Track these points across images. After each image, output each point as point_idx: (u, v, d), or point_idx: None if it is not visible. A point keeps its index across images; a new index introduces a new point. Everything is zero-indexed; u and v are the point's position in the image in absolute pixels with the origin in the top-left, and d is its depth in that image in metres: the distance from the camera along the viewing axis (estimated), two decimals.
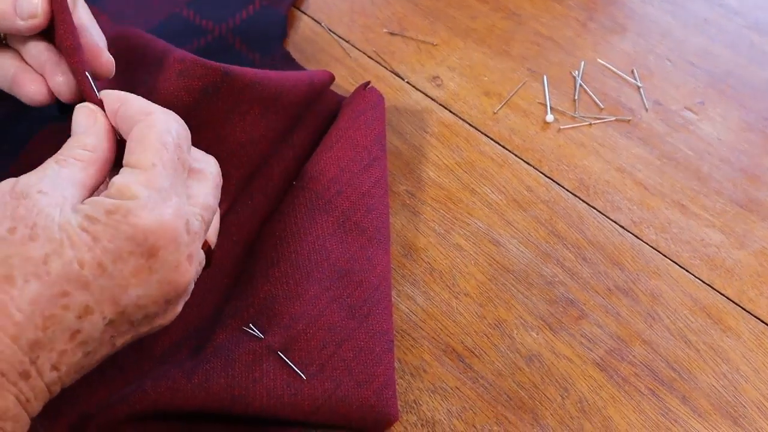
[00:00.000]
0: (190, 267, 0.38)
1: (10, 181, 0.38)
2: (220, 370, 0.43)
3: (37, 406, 0.37)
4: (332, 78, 0.58)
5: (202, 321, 0.49)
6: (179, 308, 0.40)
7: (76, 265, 0.35)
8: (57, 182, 0.38)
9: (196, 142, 0.46)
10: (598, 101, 0.63)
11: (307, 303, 0.46)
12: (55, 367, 0.36)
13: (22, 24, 0.46)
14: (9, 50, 0.49)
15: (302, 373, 0.44)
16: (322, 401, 0.43)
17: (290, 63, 0.63)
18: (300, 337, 0.45)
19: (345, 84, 0.62)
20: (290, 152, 0.55)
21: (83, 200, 0.38)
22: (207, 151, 0.46)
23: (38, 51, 0.48)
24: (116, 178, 0.38)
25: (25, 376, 0.35)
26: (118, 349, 0.39)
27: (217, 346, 0.45)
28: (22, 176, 0.38)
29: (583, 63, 0.65)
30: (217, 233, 0.44)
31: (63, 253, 0.35)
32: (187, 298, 0.41)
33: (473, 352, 0.49)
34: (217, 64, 0.51)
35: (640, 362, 0.50)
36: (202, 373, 0.43)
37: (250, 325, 0.45)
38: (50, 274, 0.35)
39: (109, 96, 0.42)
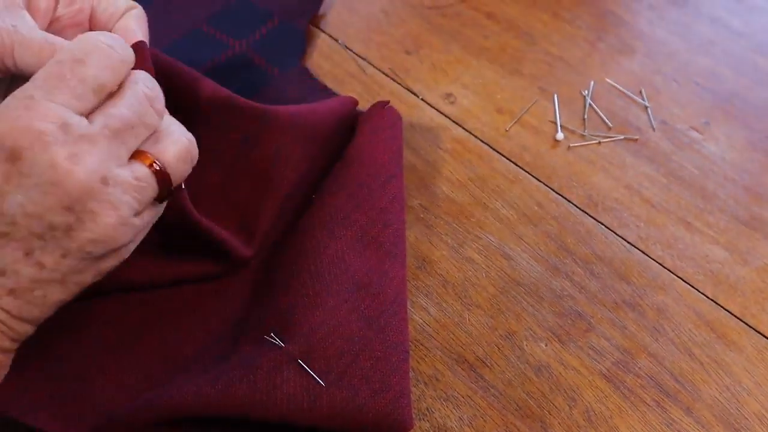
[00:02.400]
0: (74, 167, 0.36)
1: None
2: (242, 376, 0.45)
3: None
4: (356, 104, 0.60)
5: (223, 329, 0.51)
6: (106, 218, 0.38)
7: None
8: None
9: (248, 187, 0.52)
10: (606, 120, 0.65)
11: (326, 313, 0.48)
12: None
13: None
14: None
15: (321, 380, 0.46)
16: (340, 409, 0.45)
17: (308, 78, 0.65)
18: (319, 346, 0.46)
19: (361, 100, 0.63)
20: (310, 165, 0.57)
21: None
22: (261, 195, 0.52)
23: None
24: None
25: None
26: (61, 274, 0.38)
27: (240, 354, 0.47)
28: None
29: (592, 83, 0.67)
30: (182, 159, 0.42)
31: None
32: (111, 208, 0.38)
33: (484, 362, 0.51)
34: (251, 106, 0.53)
35: (646, 374, 0.51)
36: (225, 380, 0.45)
37: (271, 334, 0.47)
38: None
39: None
